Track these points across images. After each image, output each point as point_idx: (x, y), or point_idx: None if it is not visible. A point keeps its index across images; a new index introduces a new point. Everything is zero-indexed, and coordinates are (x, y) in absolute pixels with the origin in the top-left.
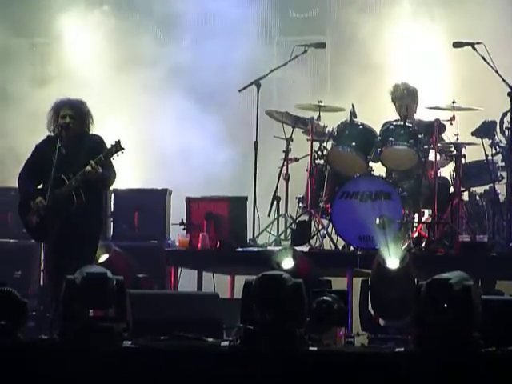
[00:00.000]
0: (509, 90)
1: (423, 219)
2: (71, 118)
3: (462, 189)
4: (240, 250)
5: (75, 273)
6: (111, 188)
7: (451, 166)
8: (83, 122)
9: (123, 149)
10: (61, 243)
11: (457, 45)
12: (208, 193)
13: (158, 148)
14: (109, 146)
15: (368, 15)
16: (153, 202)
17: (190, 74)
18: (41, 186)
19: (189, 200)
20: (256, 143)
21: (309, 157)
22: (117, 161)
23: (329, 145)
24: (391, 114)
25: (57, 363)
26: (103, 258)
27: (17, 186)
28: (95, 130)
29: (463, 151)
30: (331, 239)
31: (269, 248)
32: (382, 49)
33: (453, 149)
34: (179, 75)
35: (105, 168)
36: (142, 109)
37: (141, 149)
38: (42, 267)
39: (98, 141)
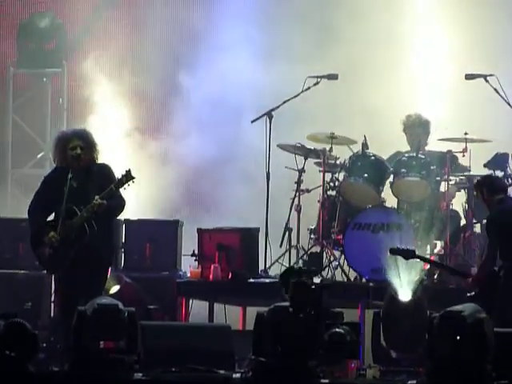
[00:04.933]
0: None
1: (435, 251)
2: (81, 148)
3: (474, 221)
4: (252, 281)
5: (86, 304)
6: (122, 219)
7: (463, 197)
8: (92, 151)
9: (134, 178)
10: (72, 273)
11: (469, 77)
12: (220, 224)
13: (168, 177)
14: (119, 176)
15: (382, 46)
16: (164, 233)
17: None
18: (51, 218)
19: (200, 231)
20: (268, 174)
21: (321, 188)
22: (127, 190)
23: (341, 176)
24: (402, 145)
25: None
26: (114, 289)
27: (27, 217)
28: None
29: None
30: (343, 271)
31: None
32: (394, 79)
33: (465, 181)
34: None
35: (113, 197)
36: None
37: (153, 179)
38: (52, 298)
39: (107, 170)
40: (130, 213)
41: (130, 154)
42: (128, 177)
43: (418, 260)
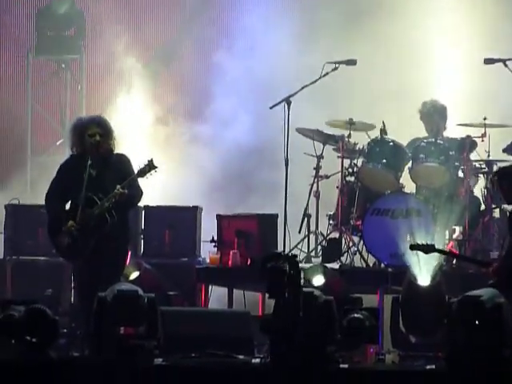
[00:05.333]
0: None
1: (454, 236)
2: (100, 135)
3: (493, 206)
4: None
5: (106, 290)
6: (142, 205)
7: (482, 182)
8: (110, 138)
9: (156, 167)
10: (91, 261)
11: (488, 61)
12: (239, 210)
13: (188, 164)
14: (141, 165)
15: (399, 31)
16: (184, 219)
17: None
18: (68, 206)
19: (220, 217)
20: (287, 160)
21: (339, 174)
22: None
23: (359, 162)
24: (421, 131)
25: (88, 381)
26: (134, 275)
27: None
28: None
29: (494, 168)
30: (362, 256)
31: (299, 265)
32: (412, 65)
33: (484, 166)
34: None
35: (132, 187)
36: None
37: (175, 166)
38: (72, 285)
39: (126, 160)
40: (153, 200)
41: (151, 143)
42: (151, 166)
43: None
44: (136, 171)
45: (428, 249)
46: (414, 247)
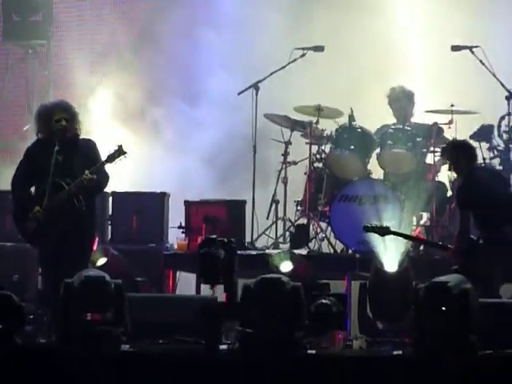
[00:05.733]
0: (507, 94)
1: (421, 222)
2: (66, 120)
3: None
4: (238, 253)
5: (73, 276)
6: (109, 191)
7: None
8: (76, 123)
9: (126, 153)
10: (58, 247)
11: (455, 48)
12: (206, 196)
13: (155, 149)
14: (111, 151)
15: (367, 19)
16: (151, 205)
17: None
18: (35, 191)
19: (187, 203)
20: (255, 147)
21: (307, 160)
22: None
23: (327, 148)
24: (388, 117)
25: (55, 367)
26: (101, 261)
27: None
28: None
29: None
30: (330, 242)
31: (267, 251)
32: (380, 51)
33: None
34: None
35: (99, 172)
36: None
37: (139, 151)
38: (39, 271)
39: (92, 146)
40: (116, 185)
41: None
42: (120, 152)
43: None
44: (105, 157)
45: (383, 231)
46: (368, 229)
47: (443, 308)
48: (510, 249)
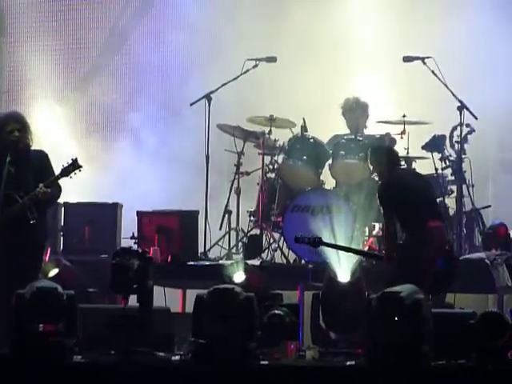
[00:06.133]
0: (458, 104)
1: (374, 233)
2: (19, 131)
3: None
4: (191, 263)
5: (25, 287)
6: (62, 202)
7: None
8: (29, 134)
9: (81, 167)
10: (9, 258)
11: (407, 59)
12: (159, 207)
13: (109, 160)
14: (65, 164)
15: (322, 29)
16: (104, 215)
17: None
18: None
19: (140, 214)
20: (207, 157)
21: (260, 171)
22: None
23: (280, 159)
24: (341, 128)
25: (7, 378)
26: (53, 272)
27: None
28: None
29: (413, 165)
30: (282, 253)
31: (220, 262)
32: (334, 62)
33: (403, 162)
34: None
35: (52, 185)
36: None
37: (92, 162)
38: None
39: (44, 156)
40: (68, 196)
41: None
42: (75, 165)
43: (327, 247)
44: (60, 170)
45: (315, 242)
46: (298, 240)
47: (396, 318)
48: (431, 246)
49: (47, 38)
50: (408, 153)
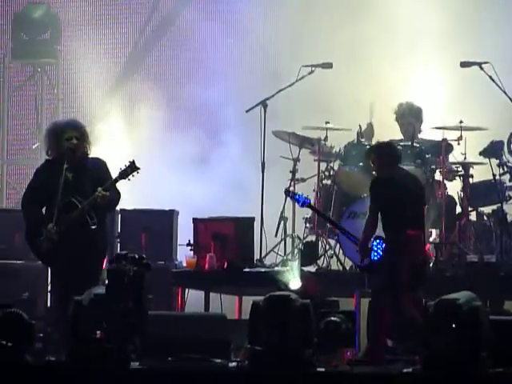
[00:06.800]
0: None
1: (431, 239)
2: (77, 139)
3: (469, 209)
4: (247, 270)
5: (83, 294)
6: (118, 209)
7: (458, 185)
8: (87, 142)
9: (139, 169)
10: (70, 265)
11: (464, 64)
12: (215, 214)
13: (166, 168)
14: (123, 167)
15: (378, 34)
16: (160, 222)
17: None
18: (45, 209)
19: (196, 221)
20: (263, 164)
21: (316, 177)
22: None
23: (336, 165)
24: (397, 133)
25: None
26: None
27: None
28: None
29: (471, 171)
30: (338, 259)
31: (276, 268)
32: (389, 68)
33: (460, 168)
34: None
35: (111, 189)
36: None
37: (149, 169)
38: (49, 288)
39: (102, 163)
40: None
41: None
42: (132, 168)
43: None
44: (118, 173)
45: (303, 202)
46: (288, 193)
47: (453, 325)
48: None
49: (100, 47)
50: (465, 158)
